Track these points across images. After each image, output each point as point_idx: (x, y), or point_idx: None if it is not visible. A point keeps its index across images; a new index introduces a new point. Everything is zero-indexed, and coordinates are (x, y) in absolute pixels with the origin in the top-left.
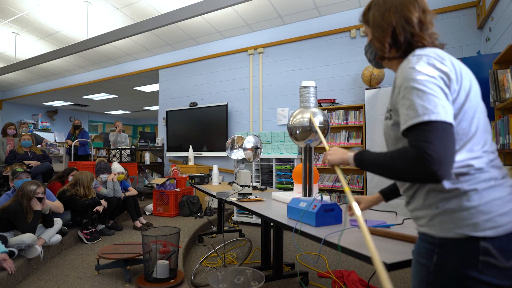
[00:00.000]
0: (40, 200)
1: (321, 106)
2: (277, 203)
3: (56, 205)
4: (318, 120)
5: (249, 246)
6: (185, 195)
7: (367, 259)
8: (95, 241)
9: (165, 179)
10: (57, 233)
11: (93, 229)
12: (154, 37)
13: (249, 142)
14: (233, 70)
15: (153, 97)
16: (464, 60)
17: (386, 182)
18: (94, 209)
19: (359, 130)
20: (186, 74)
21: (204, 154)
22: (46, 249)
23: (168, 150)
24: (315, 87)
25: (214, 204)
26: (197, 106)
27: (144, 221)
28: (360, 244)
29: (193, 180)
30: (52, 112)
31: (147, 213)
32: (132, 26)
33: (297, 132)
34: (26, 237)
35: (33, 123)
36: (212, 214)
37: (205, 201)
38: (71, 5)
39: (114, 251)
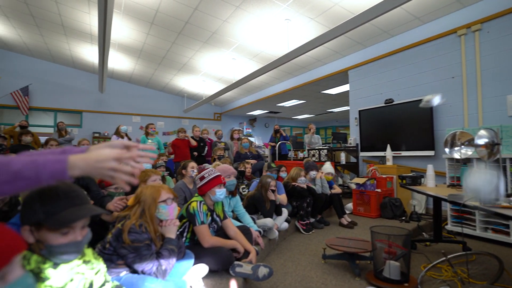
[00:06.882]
0: (273, 191)
1: None
2: None
3: (282, 197)
4: None
5: (497, 265)
6: (386, 196)
7: None
8: (310, 232)
9: (365, 178)
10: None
11: (308, 221)
12: (344, 38)
13: (482, 137)
14: (437, 58)
15: (337, 99)
16: None
17: None
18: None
19: None
20: (378, 71)
21: (404, 153)
22: None
23: (361, 150)
24: None
25: (420, 208)
26: (393, 103)
27: (349, 219)
28: None
29: (404, 181)
30: (253, 120)
31: (347, 212)
32: (330, 32)
33: None
34: (269, 221)
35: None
36: (420, 220)
37: (410, 204)
38: (275, 26)
39: (340, 244)
